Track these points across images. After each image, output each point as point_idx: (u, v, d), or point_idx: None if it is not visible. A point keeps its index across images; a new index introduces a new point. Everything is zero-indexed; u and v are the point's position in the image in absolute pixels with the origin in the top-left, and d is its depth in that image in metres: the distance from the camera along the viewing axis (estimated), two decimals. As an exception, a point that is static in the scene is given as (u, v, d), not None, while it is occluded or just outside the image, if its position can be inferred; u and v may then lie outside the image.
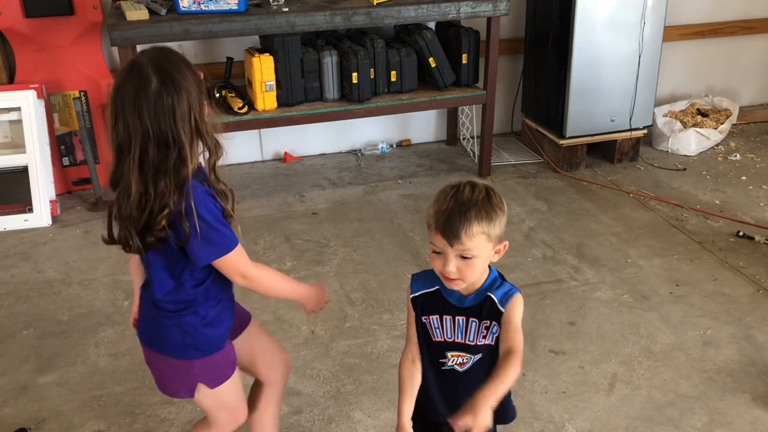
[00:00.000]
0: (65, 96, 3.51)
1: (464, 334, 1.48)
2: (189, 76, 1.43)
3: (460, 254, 1.37)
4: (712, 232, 3.24)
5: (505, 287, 1.46)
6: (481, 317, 1.46)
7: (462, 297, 1.47)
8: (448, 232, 1.35)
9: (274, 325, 2.63)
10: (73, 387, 2.34)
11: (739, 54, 4.55)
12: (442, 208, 1.37)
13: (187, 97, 1.40)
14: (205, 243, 1.45)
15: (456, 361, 1.50)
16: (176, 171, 1.41)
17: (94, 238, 3.24)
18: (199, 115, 1.43)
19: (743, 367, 2.40)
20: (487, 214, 1.36)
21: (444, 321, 1.48)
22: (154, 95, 1.38)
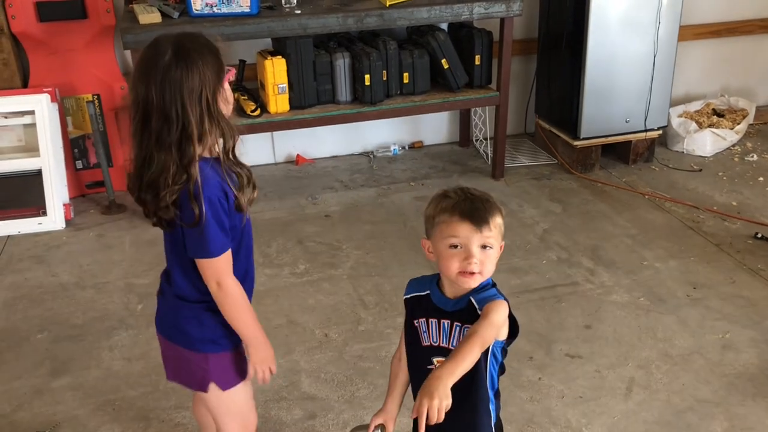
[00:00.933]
0: (78, 99, 3.52)
1: (448, 339, 1.45)
2: (209, 58, 1.42)
3: (484, 243, 1.36)
4: (730, 234, 3.20)
5: (490, 292, 1.41)
6: (464, 322, 1.43)
7: (448, 300, 1.45)
8: (476, 216, 1.34)
9: (287, 328, 2.62)
10: (88, 391, 2.34)
11: (755, 53, 4.49)
12: (461, 199, 1.37)
13: (199, 76, 1.39)
14: (196, 237, 1.44)
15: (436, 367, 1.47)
16: (179, 147, 1.40)
17: (108, 242, 3.24)
18: (212, 97, 1.42)
19: (763, 371, 2.36)
20: (500, 210, 1.39)
21: (430, 324, 1.47)
22: (164, 66, 1.38)
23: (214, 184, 1.43)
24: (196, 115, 1.40)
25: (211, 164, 1.45)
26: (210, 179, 1.43)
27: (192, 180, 1.40)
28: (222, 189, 1.45)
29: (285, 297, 2.80)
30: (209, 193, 1.42)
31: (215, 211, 1.43)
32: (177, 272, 1.55)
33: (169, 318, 1.61)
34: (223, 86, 1.46)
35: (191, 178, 1.40)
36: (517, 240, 3.17)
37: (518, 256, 3.04)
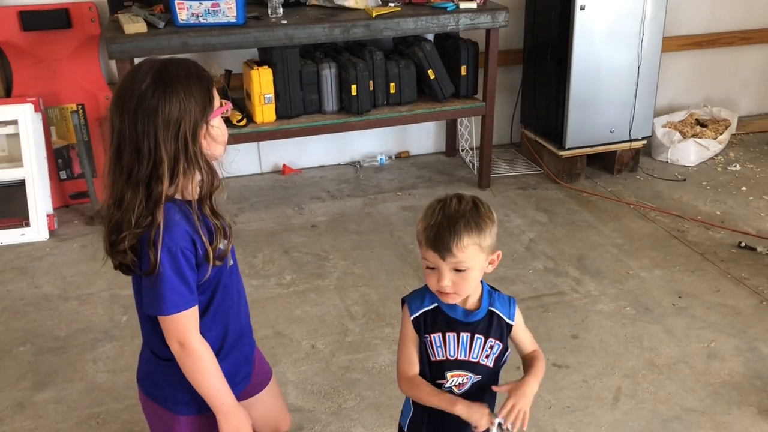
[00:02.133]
0: (62, 109, 3.50)
1: (467, 351, 1.45)
2: (195, 89, 1.29)
3: (454, 267, 1.36)
4: (714, 243, 3.22)
5: (503, 298, 1.49)
6: (488, 335, 1.45)
7: (467, 311, 1.45)
8: (438, 245, 1.34)
9: (274, 339, 2.60)
10: (71, 404, 2.30)
11: (737, 64, 4.55)
12: (430, 223, 1.36)
13: (179, 107, 1.25)
14: (150, 290, 1.30)
15: (454, 382, 1.46)
16: (148, 186, 1.26)
17: (92, 253, 3.21)
18: (191, 133, 1.27)
19: (748, 379, 2.37)
20: (477, 225, 1.35)
21: (447, 338, 1.45)
22: (139, 93, 1.25)
23: (180, 233, 1.29)
24: (170, 151, 1.26)
25: (182, 209, 1.31)
26: (175, 226, 1.29)
27: (155, 224, 1.26)
28: (190, 239, 1.31)
29: (271, 308, 2.78)
30: (170, 243, 1.28)
31: (175, 263, 1.28)
32: (145, 324, 1.42)
33: (144, 369, 1.49)
34: (208, 122, 1.32)
35: (154, 221, 1.26)
36: (503, 250, 3.14)
37: (505, 266, 3.05)
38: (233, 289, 1.48)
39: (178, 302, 1.31)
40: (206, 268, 1.34)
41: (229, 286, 1.46)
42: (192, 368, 1.37)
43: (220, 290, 1.43)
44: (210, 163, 1.34)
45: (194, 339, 1.35)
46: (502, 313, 1.46)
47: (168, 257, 1.27)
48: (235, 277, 1.51)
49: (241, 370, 1.56)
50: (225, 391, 1.41)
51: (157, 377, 1.42)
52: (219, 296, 1.43)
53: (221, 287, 1.43)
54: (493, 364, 1.47)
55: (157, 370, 1.42)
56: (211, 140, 1.34)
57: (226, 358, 1.49)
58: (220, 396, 1.40)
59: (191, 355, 1.35)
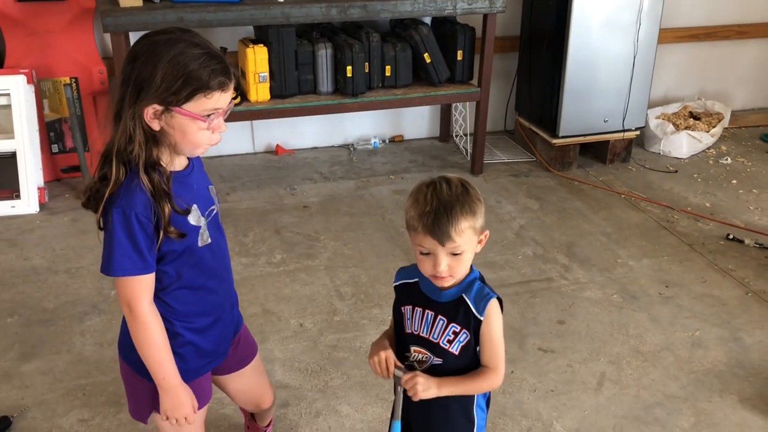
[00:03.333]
0: (55, 82, 3.47)
1: (429, 330, 1.45)
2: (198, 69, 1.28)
3: (451, 252, 1.36)
4: (702, 235, 3.24)
5: (483, 290, 1.43)
6: (451, 319, 1.43)
7: (438, 290, 1.44)
8: (438, 232, 1.34)
9: (262, 317, 2.61)
10: (58, 375, 2.31)
11: (732, 58, 4.56)
12: (425, 210, 1.34)
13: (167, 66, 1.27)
14: (103, 247, 1.31)
15: (417, 357, 1.47)
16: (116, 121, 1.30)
17: (83, 226, 3.20)
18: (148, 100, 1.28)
19: (731, 369, 2.40)
20: (470, 208, 1.36)
21: (415, 312, 1.47)
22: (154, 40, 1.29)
23: (141, 198, 1.29)
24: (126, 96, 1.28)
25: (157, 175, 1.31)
26: (135, 192, 1.29)
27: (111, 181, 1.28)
28: (149, 206, 1.30)
29: (260, 286, 2.79)
30: (125, 205, 1.28)
31: (128, 226, 1.28)
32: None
33: (122, 331, 1.48)
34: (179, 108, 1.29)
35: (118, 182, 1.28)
36: (493, 235, 3.19)
37: (494, 251, 3.06)
38: (211, 267, 1.46)
39: (125, 266, 1.31)
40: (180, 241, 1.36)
41: (205, 263, 1.44)
42: (137, 336, 1.37)
43: (191, 266, 1.42)
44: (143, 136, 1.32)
45: (143, 307, 1.35)
46: (472, 305, 1.41)
47: (121, 219, 1.29)
48: (219, 256, 1.49)
49: (219, 347, 1.56)
50: (167, 366, 1.39)
51: (130, 340, 1.41)
52: (190, 272, 1.42)
53: (195, 263, 1.42)
54: (459, 353, 1.43)
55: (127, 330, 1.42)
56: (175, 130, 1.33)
57: (204, 334, 1.49)
58: (161, 370, 1.39)
59: (138, 322, 1.36)
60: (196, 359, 1.50)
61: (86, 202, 1.35)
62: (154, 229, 1.32)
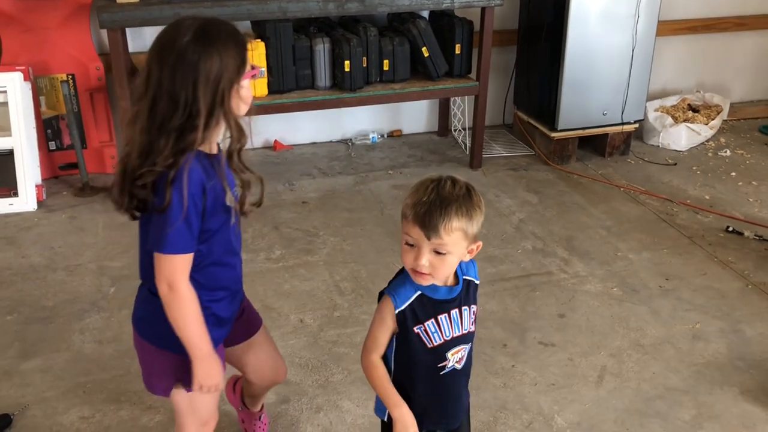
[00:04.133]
0: (52, 79, 3.46)
1: (460, 326, 1.46)
2: (232, 49, 1.36)
3: (435, 249, 1.34)
4: (702, 227, 3.24)
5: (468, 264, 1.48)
6: (468, 302, 1.47)
7: (450, 288, 1.44)
8: (427, 223, 1.31)
9: (262, 313, 2.57)
10: (58, 373, 2.30)
11: (731, 50, 4.55)
12: (422, 200, 1.33)
13: (218, 65, 1.33)
14: (157, 227, 1.37)
15: (455, 359, 1.47)
16: (181, 134, 1.34)
17: (81, 224, 3.19)
18: (227, 90, 1.35)
19: (732, 361, 2.40)
20: (467, 211, 1.33)
21: (440, 321, 1.43)
22: (180, 48, 1.32)
23: (195, 179, 1.36)
24: (206, 103, 1.33)
25: (201, 159, 1.38)
26: (192, 173, 1.35)
27: (176, 167, 1.34)
28: (201, 187, 1.37)
29: (260, 282, 2.78)
30: (182, 187, 1.34)
31: (184, 207, 1.35)
32: (149, 264, 1.44)
33: (142, 309, 1.56)
34: (240, 83, 1.39)
35: (176, 165, 1.34)
36: (493, 229, 3.19)
37: (494, 245, 3.05)
38: (234, 245, 1.54)
39: (178, 244, 1.37)
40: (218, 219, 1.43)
41: (230, 241, 1.52)
42: (177, 311, 1.42)
43: (220, 244, 1.49)
44: (237, 120, 1.41)
45: (183, 283, 1.41)
46: (472, 276, 1.49)
47: (178, 197, 1.34)
48: (238, 234, 1.57)
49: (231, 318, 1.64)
50: (204, 337, 1.46)
51: (153, 317, 1.48)
52: (219, 250, 1.49)
53: (223, 242, 1.49)
54: (474, 327, 1.50)
55: (155, 311, 1.46)
56: (239, 100, 1.40)
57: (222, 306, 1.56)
58: (198, 342, 1.45)
59: (178, 297, 1.41)
60: (216, 330, 1.55)
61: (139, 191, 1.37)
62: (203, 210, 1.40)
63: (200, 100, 1.32)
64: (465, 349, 1.49)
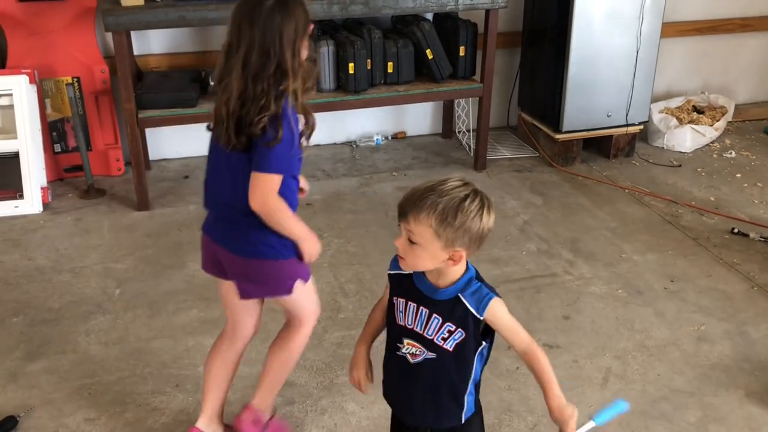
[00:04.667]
0: (58, 82, 3.47)
1: (423, 326, 1.44)
2: (301, 12, 1.67)
3: (408, 236, 1.35)
4: (707, 229, 3.23)
5: (480, 291, 1.41)
6: (447, 318, 1.42)
7: (433, 287, 1.43)
8: (400, 205, 1.36)
9: (266, 315, 2.58)
10: (63, 375, 2.31)
11: (736, 51, 4.54)
12: (419, 186, 1.37)
13: (294, 24, 1.64)
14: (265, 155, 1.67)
15: (409, 350, 1.47)
16: (275, 80, 1.64)
17: (86, 226, 3.20)
18: (299, 45, 1.66)
19: (737, 363, 2.40)
20: (443, 212, 1.30)
21: (408, 307, 1.46)
22: (267, 11, 1.62)
23: (294, 116, 1.69)
24: (290, 55, 1.65)
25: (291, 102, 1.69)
26: (293, 111, 1.69)
27: (279, 108, 1.64)
28: (297, 122, 1.70)
29: (265, 284, 2.78)
30: (290, 123, 1.67)
31: (289, 138, 1.67)
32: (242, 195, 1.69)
33: (247, 238, 1.77)
34: (305, 38, 1.69)
35: (279, 107, 1.64)
36: (497, 231, 3.19)
37: (499, 247, 3.05)
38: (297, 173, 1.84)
39: (282, 166, 1.69)
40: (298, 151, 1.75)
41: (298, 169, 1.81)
42: (280, 218, 1.73)
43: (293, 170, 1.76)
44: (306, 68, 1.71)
45: (276, 197, 1.71)
46: (470, 306, 1.40)
47: (289, 133, 1.66)
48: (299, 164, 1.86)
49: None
50: (301, 224, 1.79)
51: (261, 237, 1.75)
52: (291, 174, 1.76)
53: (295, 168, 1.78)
54: (453, 350, 1.43)
55: (262, 233, 1.74)
56: (305, 50, 1.70)
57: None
58: (300, 230, 1.79)
59: (276, 208, 1.71)
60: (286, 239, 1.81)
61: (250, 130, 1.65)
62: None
63: (286, 52, 1.63)
64: (422, 351, 1.45)
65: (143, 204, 3.34)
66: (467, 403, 1.52)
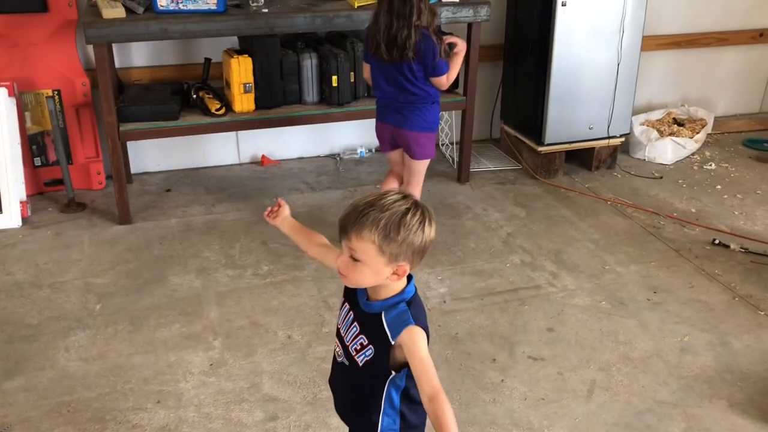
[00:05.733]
0: (38, 95, 3.44)
1: (346, 330, 1.45)
2: None
3: (351, 253, 1.32)
4: (689, 240, 3.26)
5: (402, 316, 1.35)
6: (362, 330, 1.40)
7: (366, 299, 1.41)
8: (341, 223, 1.33)
9: (249, 330, 2.58)
10: (41, 392, 2.27)
11: (714, 65, 4.61)
12: (358, 201, 1.33)
13: None
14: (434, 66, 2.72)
15: (336, 349, 1.50)
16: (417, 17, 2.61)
17: (67, 240, 3.16)
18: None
19: (720, 373, 2.41)
20: (386, 227, 1.28)
21: (343, 307, 1.47)
22: None
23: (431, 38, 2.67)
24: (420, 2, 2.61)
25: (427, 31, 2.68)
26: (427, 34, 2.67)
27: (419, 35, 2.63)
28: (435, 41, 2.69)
29: (248, 298, 2.76)
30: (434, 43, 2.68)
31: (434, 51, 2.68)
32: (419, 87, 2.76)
33: (421, 119, 2.81)
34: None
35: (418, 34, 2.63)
36: (481, 243, 3.19)
37: (482, 260, 3.05)
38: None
39: (444, 68, 2.76)
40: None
41: None
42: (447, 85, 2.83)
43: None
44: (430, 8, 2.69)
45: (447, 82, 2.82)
46: (387, 327, 1.35)
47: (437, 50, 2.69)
48: None
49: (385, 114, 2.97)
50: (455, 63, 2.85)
51: (426, 116, 2.83)
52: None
53: None
54: (362, 365, 1.40)
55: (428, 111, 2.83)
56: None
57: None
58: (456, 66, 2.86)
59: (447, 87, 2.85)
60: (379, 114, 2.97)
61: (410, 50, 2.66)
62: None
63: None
64: (342, 356, 1.47)
65: (125, 218, 3.30)
66: (382, 424, 1.44)
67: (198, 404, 2.23)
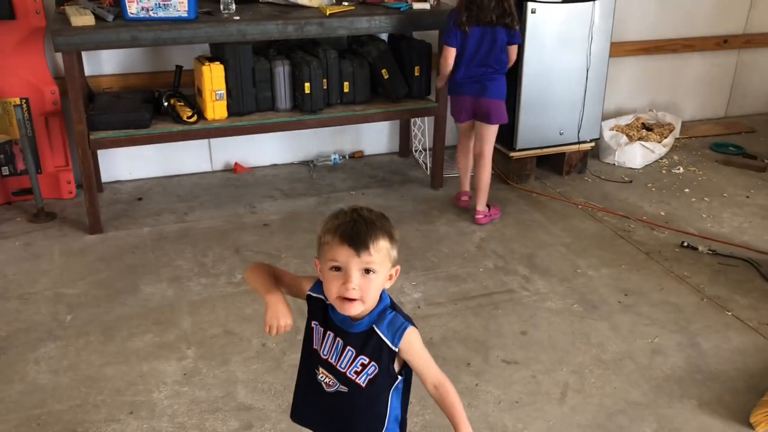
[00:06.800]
0: (5, 103, 3.39)
1: (337, 358, 1.41)
2: None
3: (365, 267, 1.31)
4: (658, 243, 3.31)
5: (395, 321, 1.39)
6: (360, 351, 1.39)
7: (347, 320, 1.39)
8: (355, 240, 1.29)
9: (223, 338, 2.57)
10: (10, 406, 2.23)
11: (680, 70, 4.70)
12: (345, 221, 1.32)
13: None
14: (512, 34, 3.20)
15: (323, 379, 1.44)
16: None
17: (36, 251, 3.12)
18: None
19: (689, 374, 2.45)
20: (389, 232, 1.35)
21: (326, 336, 1.42)
22: None
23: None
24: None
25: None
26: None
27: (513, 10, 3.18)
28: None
29: (221, 307, 2.75)
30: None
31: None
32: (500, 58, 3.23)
33: (500, 87, 3.28)
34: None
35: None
36: (455, 248, 3.21)
37: (456, 264, 3.07)
38: None
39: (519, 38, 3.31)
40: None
41: None
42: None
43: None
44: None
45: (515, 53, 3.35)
46: (385, 337, 1.37)
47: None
48: None
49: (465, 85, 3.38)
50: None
51: (501, 86, 3.29)
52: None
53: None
54: (366, 386, 1.40)
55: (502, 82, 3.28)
56: None
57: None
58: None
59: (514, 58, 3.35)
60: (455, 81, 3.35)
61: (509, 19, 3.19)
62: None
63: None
64: (335, 383, 1.43)
65: (95, 227, 3.27)
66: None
67: (171, 414, 2.21)
